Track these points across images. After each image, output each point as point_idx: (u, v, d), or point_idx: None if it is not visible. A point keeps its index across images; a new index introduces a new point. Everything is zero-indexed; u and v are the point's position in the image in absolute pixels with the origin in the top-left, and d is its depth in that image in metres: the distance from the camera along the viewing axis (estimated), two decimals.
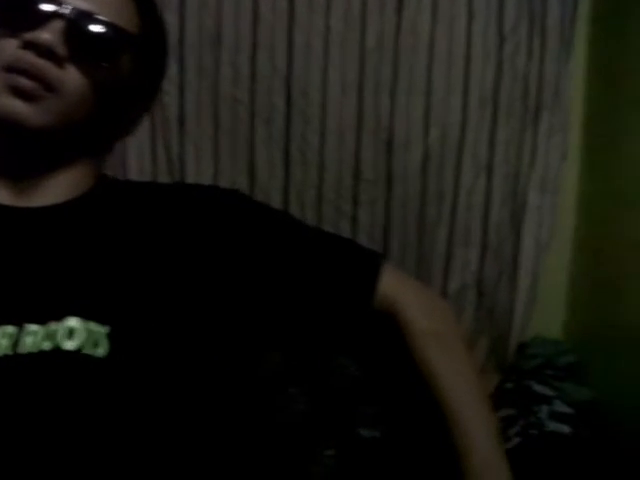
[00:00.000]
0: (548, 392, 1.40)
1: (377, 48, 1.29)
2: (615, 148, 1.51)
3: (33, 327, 0.73)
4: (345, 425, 0.86)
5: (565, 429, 1.36)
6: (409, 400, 0.89)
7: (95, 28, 0.79)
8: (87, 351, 0.73)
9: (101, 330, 0.75)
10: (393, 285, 0.89)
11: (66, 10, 0.77)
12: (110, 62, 0.81)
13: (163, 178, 1.28)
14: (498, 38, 1.32)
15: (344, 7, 1.29)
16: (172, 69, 1.28)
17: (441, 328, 0.88)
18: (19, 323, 0.73)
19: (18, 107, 0.76)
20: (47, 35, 0.76)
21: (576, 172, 1.48)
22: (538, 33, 1.33)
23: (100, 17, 0.79)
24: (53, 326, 0.74)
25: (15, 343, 0.72)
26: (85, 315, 0.75)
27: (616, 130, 1.51)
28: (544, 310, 1.45)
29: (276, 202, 1.30)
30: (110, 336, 0.75)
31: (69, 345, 0.73)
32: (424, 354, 0.85)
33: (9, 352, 0.71)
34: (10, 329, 0.72)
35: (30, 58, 0.76)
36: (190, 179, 1.28)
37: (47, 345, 0.72)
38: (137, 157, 1.29)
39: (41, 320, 0.74)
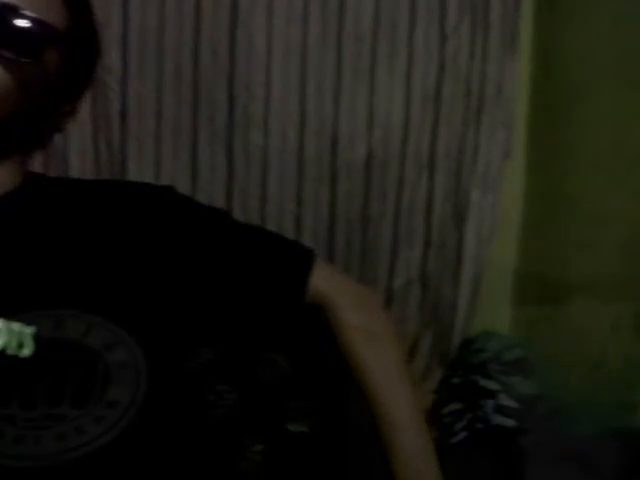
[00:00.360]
0: (494, 387, 1.42)
1: (320, 47, 1.30)
2: (560, 146, 1.53)
3: None
4: (274, 420, 0.87)
5: (510, 423, 1.39)
6: (338, 395, 0.90)
7: (19, 22, 0.77)
8: (11, 351, 0.73)
9: (26, 331, 0.74)
10: (325, 280, 0.90)
11: None
12: (35, 58, 0.80)
13: (105, 175, 1.28)
14: (440, 37, 1.33)
15: (286, 5, 1.29)
16: (115, 65, 1.27)
17: (371, 323, 0.88)
18: None
19: None
20: None
21: (521, 170, 1.50)
22: (480, 32, 1.35)
23: (24, 11, 0.78)
24: None
25: None
26: (8, 315, 0.74)
27: (561, 128, 1.54)
28: (491, 306, 1.47)
29: (219, 200, 1.30)
30: (36, 336, 0.74)
31: None
32: (354, 349, 0.86)
33: None
34: None
35: None
36: (132, 176, 1.27)
37: None
38: (78, 154, 1.28)
39: None
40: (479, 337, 1.47)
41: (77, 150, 1.27)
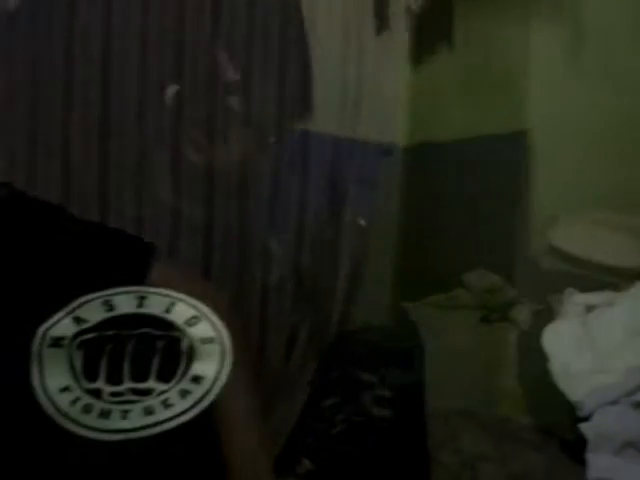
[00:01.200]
0: (372, 378, 1.45)
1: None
2: (438, 145, 1.59)
3: None
4: None
5: (387, 413, 1.43)
6: None
7: None
8: None
9: None
10: (164, 274, 0.91)
11: None
12: None
13: None
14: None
15: None
16: None
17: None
18: None
19: None
20: None
21: (400, 164, 1.54)
22: (357, 35, 1.38)
23: None
24: None
25: None
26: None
27: (438, 127, 1.60)
28: (370, 297, 1.51)
29: (93, 197, 1.28)
30: None
31: None
32: None
33: None
34: None
35: None
36: (1, 174, 1.24)
37: None
38: None
39: None
40: (359, 329, 1.51)
41: None
